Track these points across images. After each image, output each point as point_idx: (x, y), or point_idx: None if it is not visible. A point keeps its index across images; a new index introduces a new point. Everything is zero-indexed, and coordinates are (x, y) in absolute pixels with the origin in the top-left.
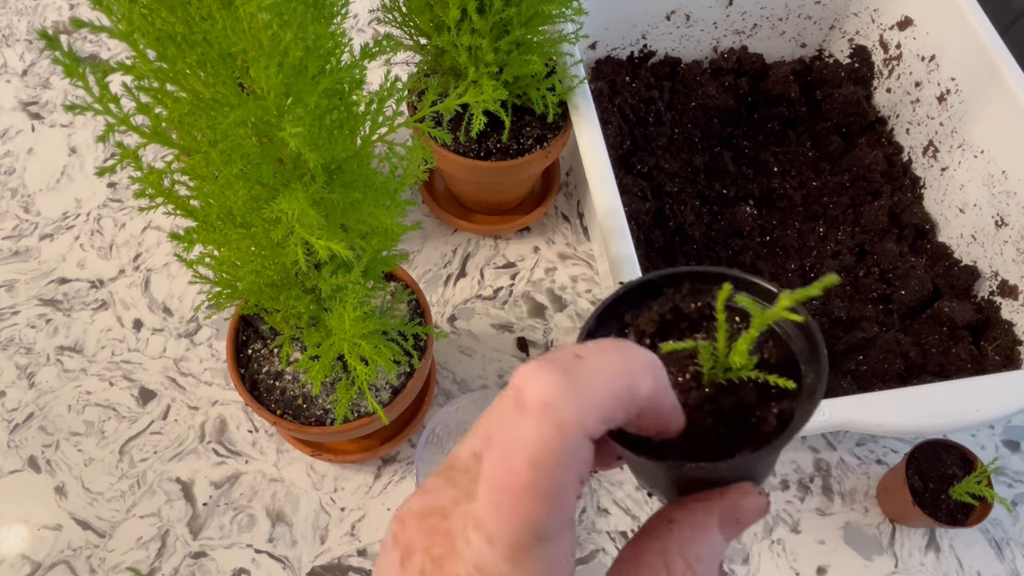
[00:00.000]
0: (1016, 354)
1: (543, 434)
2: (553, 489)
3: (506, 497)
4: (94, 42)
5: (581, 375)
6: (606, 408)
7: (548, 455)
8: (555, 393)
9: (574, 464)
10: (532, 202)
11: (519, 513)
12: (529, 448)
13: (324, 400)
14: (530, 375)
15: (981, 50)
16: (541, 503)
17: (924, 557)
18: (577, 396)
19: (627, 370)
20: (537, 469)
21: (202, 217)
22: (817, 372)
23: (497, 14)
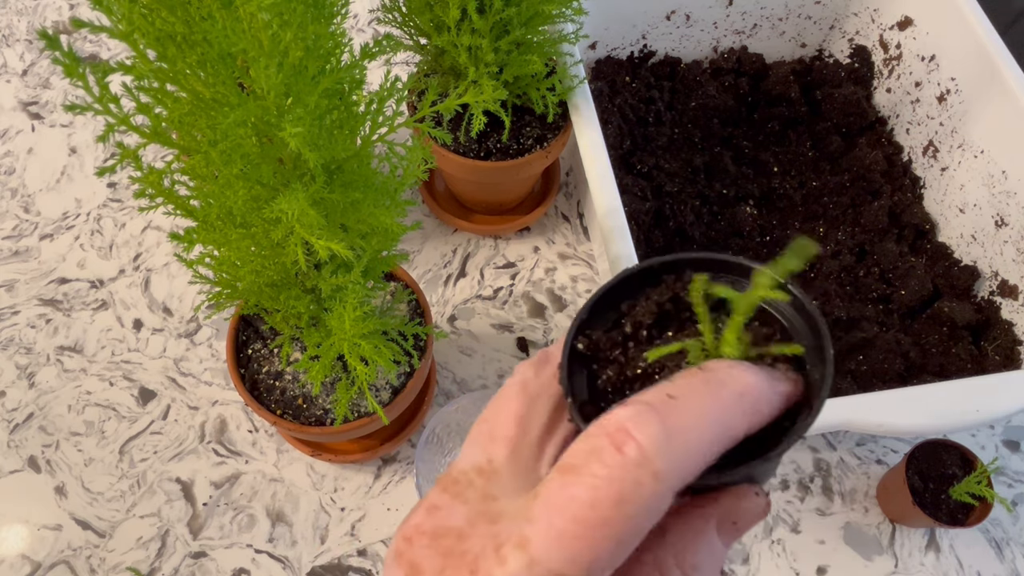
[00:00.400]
0: (1016, 354)
1: (637, 477)
2: (624, 532)
3: (576, 528)
4: (94, 42)
5: (679, 425)
6: (704, 459)
7: (637, 498)
8: (656, 443)
9: (655, 516)
10: (532, 202)
11: (584, 547)
12: (619, 485)
13: (324, 400)
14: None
15: (981, 50)
16: (610, 543)
17: (924, 557)
18: (678, 451)
19: (725, 424)
20: (621, 508)
21: (202, 217)
22: (822, 364)
23: (497, 14)
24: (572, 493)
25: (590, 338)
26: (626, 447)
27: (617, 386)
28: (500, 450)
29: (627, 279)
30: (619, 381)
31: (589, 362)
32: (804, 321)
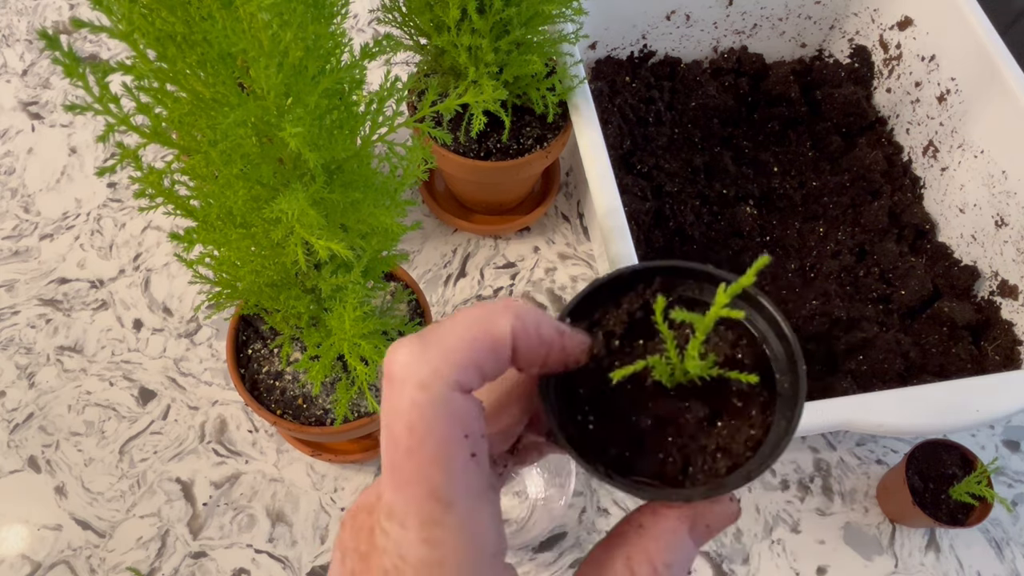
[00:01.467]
0: (1016, 354)
1: (409, 396)
2: (436, 449)
3: (398, 472)
4: (94, 42)
5: (435, 333)
6: (464, 358)
7: (419, 414)
8: (411, 356)
9: (450, 418)
10: (532, 202)
11: (414, 482)
12: (404, 414)
13: (324, 400)
14: (393, 347)
15: (981, 50)
16: (431, 465)
17: (924, 557)
18: (432, 352)
19: (479, 317)
20: (413, 431)
21: (202, 217)
22: (794, 377)
23: (497, 14)
24: (385, 445)
25: None
26: (392, 372)
27: (592, 396)
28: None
29: (599, 288)
30: (593, 391)
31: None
32: (773, 330)
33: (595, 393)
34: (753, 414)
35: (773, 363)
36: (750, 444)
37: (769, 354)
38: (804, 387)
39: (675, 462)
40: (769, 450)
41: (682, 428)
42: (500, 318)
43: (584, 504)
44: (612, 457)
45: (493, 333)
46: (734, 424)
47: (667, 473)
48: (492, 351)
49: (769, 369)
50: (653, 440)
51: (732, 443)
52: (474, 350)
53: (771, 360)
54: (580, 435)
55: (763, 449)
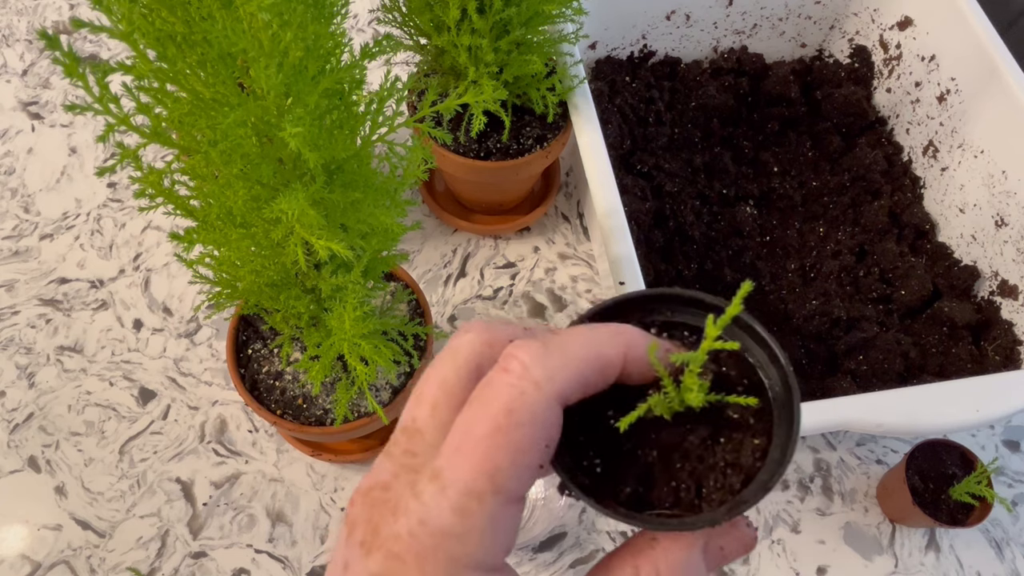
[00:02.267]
0: (1016, 354)
1: (521, 387)
2: (519, 439)
3: (472, 440)
4: (94, 42)
5: (556, 343)
6: (578, 372)
7: (523, 405)
8: (535, 355)
9: (544, 424)
10: (532, 202)
11: (482, 455)
12: (506, 397)
13: (324, 400)
14: (516, 345)
15: (981, 50)
16: (506, 450)
17: (924, 557)
18: (552, 359)
19: (596, 340)
20: (511, 416)
21: (202, 217)
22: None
23: (497, 14)
24: (469, 417)
25: None
26: (510, 365)
27: (595, 438)
28: (423, 410)
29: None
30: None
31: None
32: (751, 337)
33: (597, 434)
34: (752, 423)
35: (759, 370)
36: (757, 454)
37: (753, 361)
38: (795, 384)
39: (688, 487)
40: (779, 455)
41: (688, 452)
42: (614, 345)
43: (584, 505)
44: (627, 496)
45: (605, 359)
46: (736, 438)
47: (683, 500)
48: (601, 374)
49: (757, 376)
50: (662, 470)
51: (739, 456)
52: (588, 370)
53: (757, 367)
54: (591, 480)
55: (771, 455)
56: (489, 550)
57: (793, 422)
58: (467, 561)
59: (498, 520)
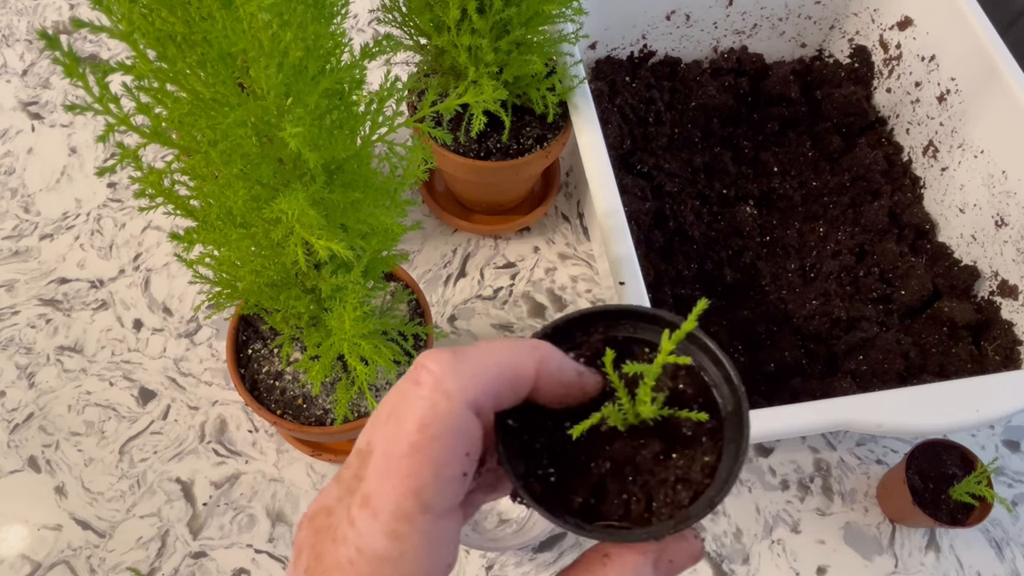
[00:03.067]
0: (1016, 354)
1: (432, 400)
2: (437, 453)
3: (393, 462)
4: (94, 42)
5: (469, 354)
6: (489, 382)
7: (435, 418)
8: (445, 366)
9: (460, 434)
10: (532, 202)
11: (404, 475)
12: (419, 412)
13: (324, 400)
14: (427, 355)
15: (981, 50)
16: (426, 465)
17: (924, 557)
18: (463, 370)
19: (510, 352)
20: (424, 431)
21: (202, 217)
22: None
23: (497, 14)
24: (388, 435)
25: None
26: (420, 377)
27: (549, 447)
28: (378, 434)
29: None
30: (551, 443)
31: (519, 433)
32: (708, 357)
33: (551, 444)
34: (704, 441)
35: (714, 389)
36: (706, 471)
37: (708, 380)
38: (746, 405)
39: (639, 500)
40: (726, 474)
41: (639, 466)
42: (527, 358)
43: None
44: (578, 506)
45: (518, 370)
46: (688, 454)
47: (632, 512)
48: (513, 386)
49: (712, 395)
50: (614, 482)
51: (689, 472)
52: (500, 380)
53: (712, 386)
54: (544, 489)
55: (719, 473)
56: (427, 569)
57: (742, 441)
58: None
59: (433, 537)
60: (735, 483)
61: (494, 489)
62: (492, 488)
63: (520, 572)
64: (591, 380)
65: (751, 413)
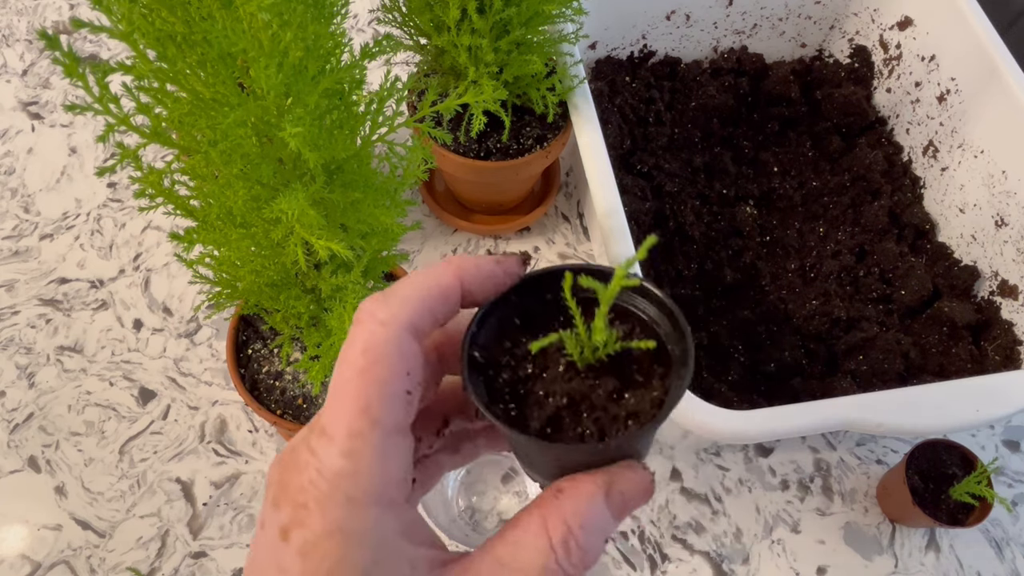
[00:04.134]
0: (1016, 354)
1: (369, 329)
2: (379, 372)
3: (341, 386)
4: (94, 42)
5: (396, 287)
6: (417, 303)
7: (374, 342)
8: (377, 302)
9: (399, 354)
10: (532, 202)
11: (353, 395)
12: (360, 341)
13: (324, 400)
14: (364, 300)
15: (981, 50)
16: (372, 384)
17: (924, 557)
18: (392, 299)
19: (428, 274)
20: (366, 355)
21: (202, 217)
22: (683, 345)
23: (497, 14)
24: (336, 370)
25: (483, 347)
26: (359, 316)
27: (512, 384)
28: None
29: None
30: (513, 380)
31: (484, 368)
32: (660, 310)
33: (512, 384)
34: (654, 383)
35: (664, 338)
36: (654, 403)
37: (659, 332)
38: (691, 346)
39: (592, 433)
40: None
41: (594, 403)
42: (445, 271)
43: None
44: (536, 432)
45: (441, 283)
46: (639, 393)
47: (586, 442)
48: (442, 297)
49: (663, 344)
50: (570, 416)
51: (639, 407)
52: (428, 298)
53: (663, 337)
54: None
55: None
56: (380, 484)
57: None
58: (364, 499)
59: (384, 452)
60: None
61: (456, 451)
62: (454, 450)
63: None
64: (510, 261)
65: (750, 412)
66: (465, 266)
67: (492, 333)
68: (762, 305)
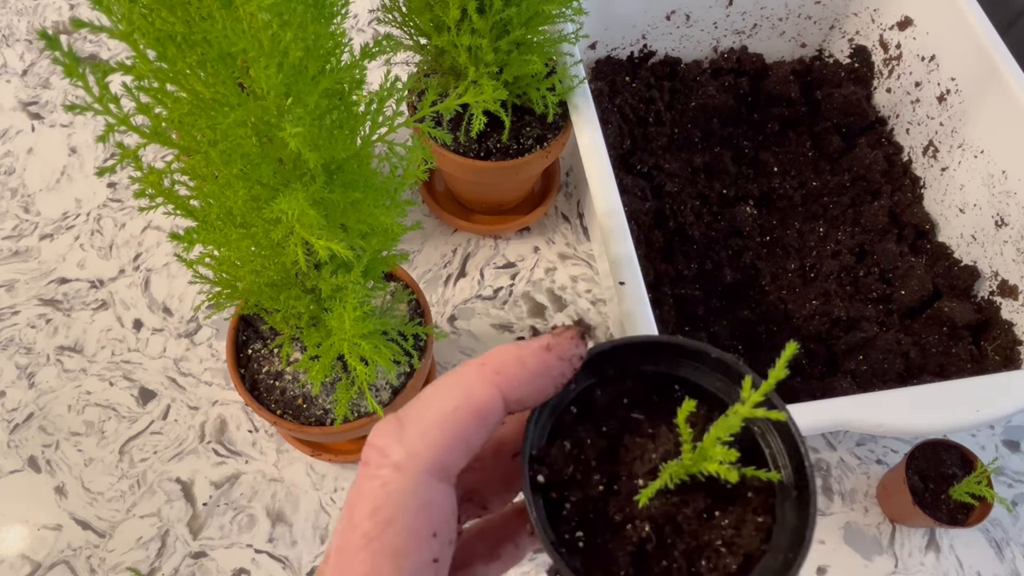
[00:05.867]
0: (1016, 354)
1: (382, 478)
2: (394, 541)
3: (346, 560)
4: (94, 42)
5: (411, 410)
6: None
7: (386, 499)
8: (389, 436)
9: (420, 509)
10: (532, 202)
11: (361, 572)
12: (370, 496)
13: (324, 400)
14: (372, 430)
15: (981, 50)
16: (383, 559)
17: (924, 557)
18: (410, 431)
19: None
20: (376, 516)
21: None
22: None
23: (497, 14)
24: (340, 530)
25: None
26: (367, 456)
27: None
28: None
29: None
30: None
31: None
32: (783, 442)
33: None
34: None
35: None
36: (760, 533)
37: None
38: (813, 476)
39: (681, 569)
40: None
41: (681, 527)
42: (479, 383)
43: None
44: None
45: (475, 400)
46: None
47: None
48: (477, 420)
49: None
50: (656, 549)
51: (739, 535)
52: (458, 423)
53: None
54: (583, 561)
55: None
56: None
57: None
58: None
59: None
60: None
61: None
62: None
63: (520, 572)
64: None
65: None
66: (505, 369)
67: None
68: (762, 305)
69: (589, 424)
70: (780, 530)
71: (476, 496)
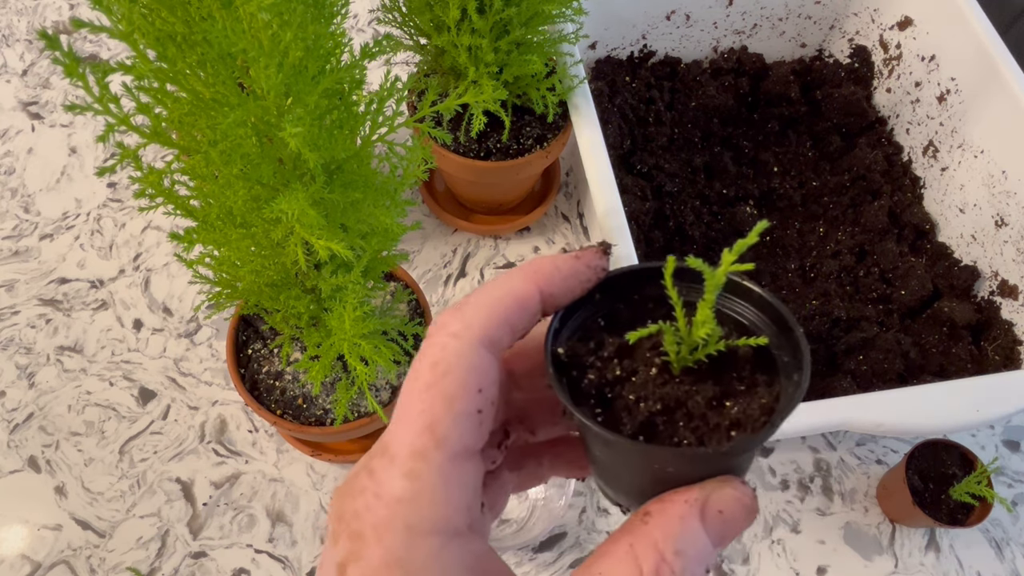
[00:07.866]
0: (1016, 354)
1: (440, 341)
2: (448, 387)
3: (406, 401)
4: (94, 42)
5: (470, 298)
6: (493, 314)
7: (443, 356)
8: (449, 314)
9: (471, 369)
10: (532, 202)
11: (417, 411)
12: (429, 354)
13: (324, 400)
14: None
15: (981, 50)
16: (438, 400)
17: (924, 557)
18: (466, 310)
19: (504, 280)
20: (436, 368)
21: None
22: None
23: (497, 14)
24: (404, 387)
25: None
26: (431, 330)
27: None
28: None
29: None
30: (600, 383)
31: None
32: (766, 315)
33: (599, 386)
34: (759, 390)
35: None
36: (764, 410)
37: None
38: (805, 349)
39: (690, 444)
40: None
41: (691, 411)
42: (521, 279)
43: (584, 504)
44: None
45: (517, 291)
46: (743, 400)
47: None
48: (520, 306)
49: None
50: (664, 424)
51: (744, 415)
52: (504, 308)
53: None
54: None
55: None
56: (444, 511)
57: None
58: (425, 526)
59: (449, 477)
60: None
61: (519, 467)
62: (517, 466)
63: (520, 572)
64: (590, 254)
65: None
66: (542, 268)
67: (575, 333)
68: None
69: (612, 331)
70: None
71: (526, 420)
